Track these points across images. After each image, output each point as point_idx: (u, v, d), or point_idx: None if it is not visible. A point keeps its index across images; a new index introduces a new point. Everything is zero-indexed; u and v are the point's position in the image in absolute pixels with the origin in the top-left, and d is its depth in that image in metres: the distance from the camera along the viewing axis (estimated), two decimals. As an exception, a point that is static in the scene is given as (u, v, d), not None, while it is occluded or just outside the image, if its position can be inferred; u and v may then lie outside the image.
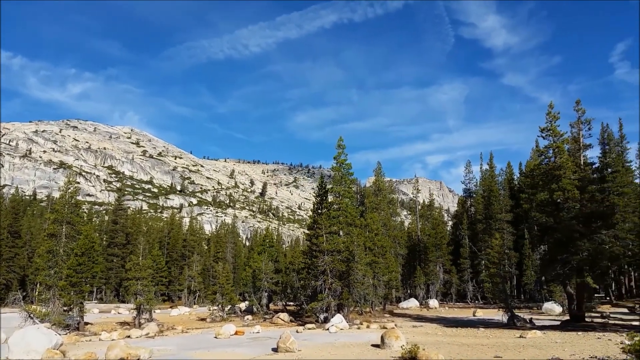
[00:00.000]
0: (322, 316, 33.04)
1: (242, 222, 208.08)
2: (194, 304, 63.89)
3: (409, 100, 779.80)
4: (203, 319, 39.46)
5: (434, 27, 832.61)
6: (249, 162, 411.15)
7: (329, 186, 37.71)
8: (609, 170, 44.33)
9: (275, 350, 19.24)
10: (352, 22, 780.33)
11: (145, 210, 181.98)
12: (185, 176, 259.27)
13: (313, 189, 41.95)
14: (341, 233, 36.41)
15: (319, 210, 36.53)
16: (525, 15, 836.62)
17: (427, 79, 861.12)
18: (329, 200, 37.42)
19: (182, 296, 68.08)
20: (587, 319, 29.22)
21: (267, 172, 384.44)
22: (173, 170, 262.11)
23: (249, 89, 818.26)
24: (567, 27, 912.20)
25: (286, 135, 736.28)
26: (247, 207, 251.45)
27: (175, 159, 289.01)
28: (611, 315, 33.61)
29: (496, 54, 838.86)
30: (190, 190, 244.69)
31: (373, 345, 19.79)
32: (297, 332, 27.44)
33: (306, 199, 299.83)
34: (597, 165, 34.13)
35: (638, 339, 10.84)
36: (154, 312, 38.25)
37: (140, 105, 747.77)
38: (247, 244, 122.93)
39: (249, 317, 38.87)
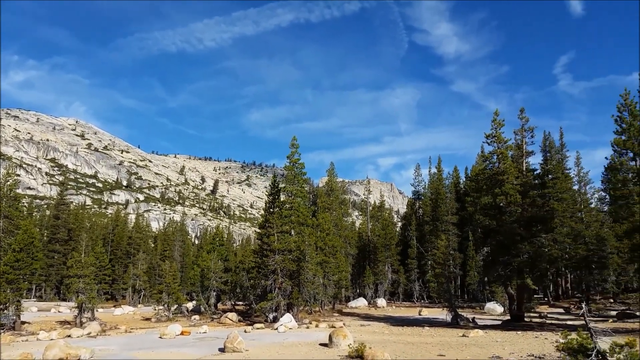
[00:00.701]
0: (271, 316, 32.94)
1: (192, 220, 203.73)
2: (139, 303, 62.05)
3: (363, 103, 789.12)
4: (148, 319, 38.41)
5: (389, 32, 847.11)
6: (200, 159, 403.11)
7: (281, 185, 37.65)
8: (550, 176, 46.53)
9: (222, 350, 19.01)
10: (309, 22, 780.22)
11: (89, 205, 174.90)
12: (132, 171, 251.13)
13: (266, 187, 41.79)
14: (293, 232, 36.43)
15: (271, 209, 36.41)
16: (477, 25, 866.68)
17: (381, 83, 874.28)
18: (282, 199, 37.38)
19: (127, 295, 65.93)
20: (526, 319, 30.60)
21: (219, 170, 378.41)
22: (119, 164, 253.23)
23: (202, 84, 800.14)
24: (515, 38, 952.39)
25: (240, 132, 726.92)
26: (197, 205, 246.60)
27: (122, 153, 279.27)
28: (548, 315, 35.38)
29: (447, 61, 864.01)
30: (137, 186, 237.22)
31: (321, 345, 19.93)
32: (245, 331, 27.22)
33: (258, 197, 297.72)
34: (538, 171, 35.80)
35: (571, 338, 11.49)
36: (97, 311, 36.92)
37: (86, 96, 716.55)
38: (197, 242, 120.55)
39: (196, 317, 38.18)
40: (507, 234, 29.34)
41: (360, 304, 51.46)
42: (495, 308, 41.15)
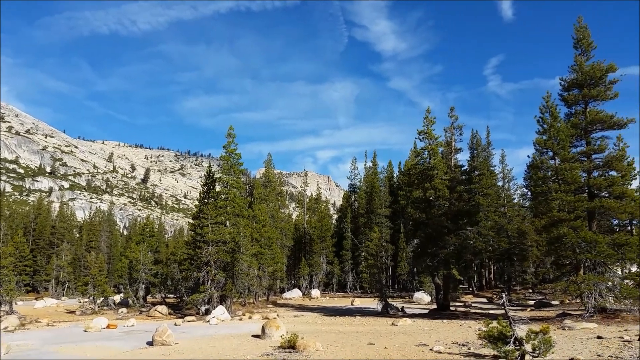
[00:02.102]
0: (203, 308, 32.34)
1: (120, 209, 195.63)
2: (63, 295, 58.92)
3: (303, 95, 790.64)
4: (72, 312, 36.52)
5: (330, 26, 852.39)
6: (130, 146, 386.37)
7: (217, 175, 36.91)
8: (476, 173, 49.13)
9: (150, 343, 18.44)
10: (249, 11, 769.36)
11: (8, 192, 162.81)
12: (57, 157, 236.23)
13: (201, 177, 40.88)
14: (228, 224, 35.91)
15: (206, 200, 35.62)
16: (414, 24, 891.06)
17: (321, 76, 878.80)
18: (217, 189, 36.66)
19: (50, 287, 62.30)
20: (451, 308, 32.09)
21: (151, 158, 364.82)
22: (43, 150, 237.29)
23: (135, 68, 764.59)
24: (449, 39, 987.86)
25: (174, 120, 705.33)
26: (126, 194, 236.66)
27: (45, 137, 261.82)
28: (472, 305, 37.29)
29: (385, 58, 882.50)
30: (61, 172, 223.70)
31: (254, 336, 19.84)
32: (175, 324, 26.56)
33: (193, 187, 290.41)
34: (465, 168, 37.57)
35: (492, 326, 12.16)
36: (15, 303, 34.58)
37: (9, 75, 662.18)
38: (125, 233, 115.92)
39: (124, 310, 36.77)
40: (435, 226, 30.57)
41: (294, 295, 51.74)
42: (423, 297, 42.82)
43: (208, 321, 27.77)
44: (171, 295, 46.11)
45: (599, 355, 13.08)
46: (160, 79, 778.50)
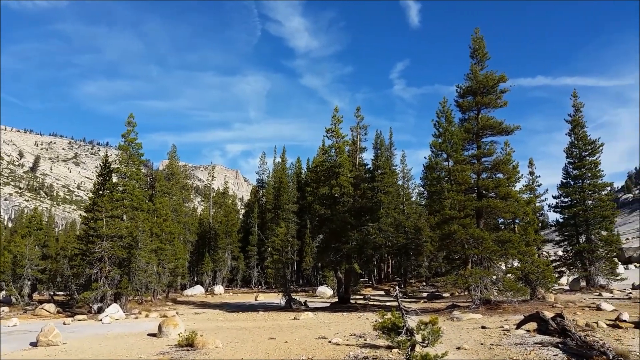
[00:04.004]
0: (95, 306, 30.39)
1: (5, 200, 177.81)
2: None
3: (213, 86, 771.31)
4: (-62, 315, 32.50)
5: (243, 18, 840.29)
6: (19, 131, 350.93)
7: (114, 166, 34.79)
8: (379, 171, 50.99)
9: (34, 344, 16.95)
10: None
11: None
12: None
13: (97, 167, 38.26)
14: (125, 217, 34.06)
15: (101, 192, 33.41)
16: (326, 23, 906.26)
17: (233, 68, 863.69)
18: (114, 181, 34.55)
19: None
20: (352, 301, 33.14)
21: (42, 145, 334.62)
22: None
23: (28, 46, 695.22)
24: (360, 41, 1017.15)
25: (70, 105, 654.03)
26: (12, 183, 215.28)
27: None
28: (372, 297, 38.79)
29: (298, 54, 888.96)
30: None
31: (150, 335, 19.00)
32: (64, 324, 24.67)
33: (88, 178, 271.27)
34: (369, 166, 38.95)
35: (387, 318, 12.67)
36: None
37: None
38: (10, 225, 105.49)
39: (5, 308, 33.46)
40: (339, 222, 31.35)
41: (196, 291, 50.40)
42: (326, 291, 43.79)
43: (101, 320, 26.11)
44: (61, 293, 42.82)
45: (482, 344, 14.19)
46: (57, 60, 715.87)
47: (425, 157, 28.53)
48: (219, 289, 51.78)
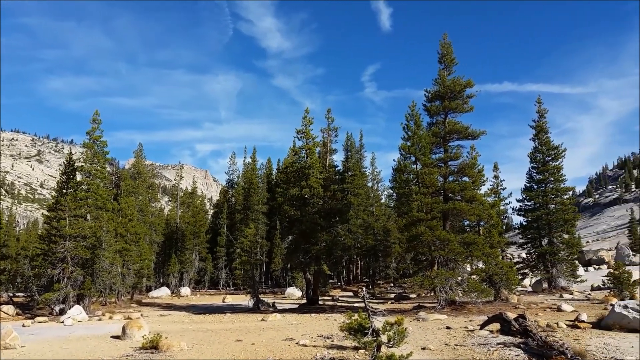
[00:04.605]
0: (57, 308, 29.47)
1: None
2: None
3: (183, 84, 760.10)
4: None
5: (214, 16, 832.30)
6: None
7: (78, 164, 33.86)
8: (349, 173, 51.41)
9: (-12, 349, 16.29)
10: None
11: None
12: None
13: (60, 165, 37.06)
14: (89, 217, 33.21)
15: (64, 190, 32.39)
16: (299, 24, 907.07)
17: (204, 66, 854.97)
18: (78, 179, 33.62)
19: None
20: (320, 302, 33.21)
21: (3, 141, 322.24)
22: None
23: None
24: (332, 43, 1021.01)
25: (34, 100, 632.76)
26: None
27: None
28: (340, 299, 38.95)
29: (270, 55, 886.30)
30: None
31: (113, 337, 18.54)
32: (23, 326, 23.80)
33: (51, 176, 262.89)
34: (339, 168, 39.09)
35: (354, 319, 12.75)
36: None
37: None
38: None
39: (-42, 313, 32.04)
40: (309, 223, 31.37)
41: (162, 293, 49.51)
42: (294, 292, 43.73)
43: (62, 322, 25.32)
44: (21, 294, 41.30)
45: (446, 344, 14.45)
46: (20, 54, 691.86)
47: (394, 160, 28.86)
48: (185, 290, 51.01)
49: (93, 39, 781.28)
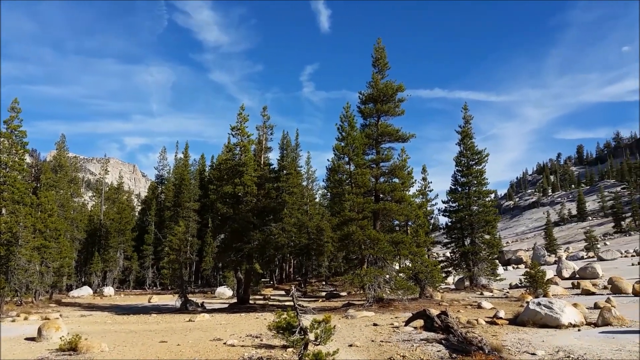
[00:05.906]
0: (-37, 310, 27.22)
1: None
2: None
3: (112, 74, 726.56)
4: None
5: (148, 5, 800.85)
6: None
7: (-8, 155, 31.47)
8: (284, 172, 51.46)
9: None
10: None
11: None
12: None
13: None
14: (4, 211, 30.96)
15: (-25, 183, 30.06)
16: (237, 19, 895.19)
17: (135, 56, 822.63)
18: (-9, 171, 31.24)
19: None
20: (251, 301, 32.97)
21: None
22: None
23: None
24: (271, 41, 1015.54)
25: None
26: None
27: None
28: (272, 297, 38.85)
29: (207, 48, 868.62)
30: None
31: (28, 339, 17.41)
32: None
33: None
34: (274, 166, 39.01)
35: (283, 317, 12.82)
36: None
37: None
38: None
39: None
40: (242, 221, 31.08)
41: (84, 293, 47.07)
42: (225, 292, 43.12)
43: (-32, 326, 23.41)
44: None
45: (372, 341, 14.87)
46: None
47: (329, 160, 29.25)
48: (109, 290, 48.79)
49: (16, 23, 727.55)
